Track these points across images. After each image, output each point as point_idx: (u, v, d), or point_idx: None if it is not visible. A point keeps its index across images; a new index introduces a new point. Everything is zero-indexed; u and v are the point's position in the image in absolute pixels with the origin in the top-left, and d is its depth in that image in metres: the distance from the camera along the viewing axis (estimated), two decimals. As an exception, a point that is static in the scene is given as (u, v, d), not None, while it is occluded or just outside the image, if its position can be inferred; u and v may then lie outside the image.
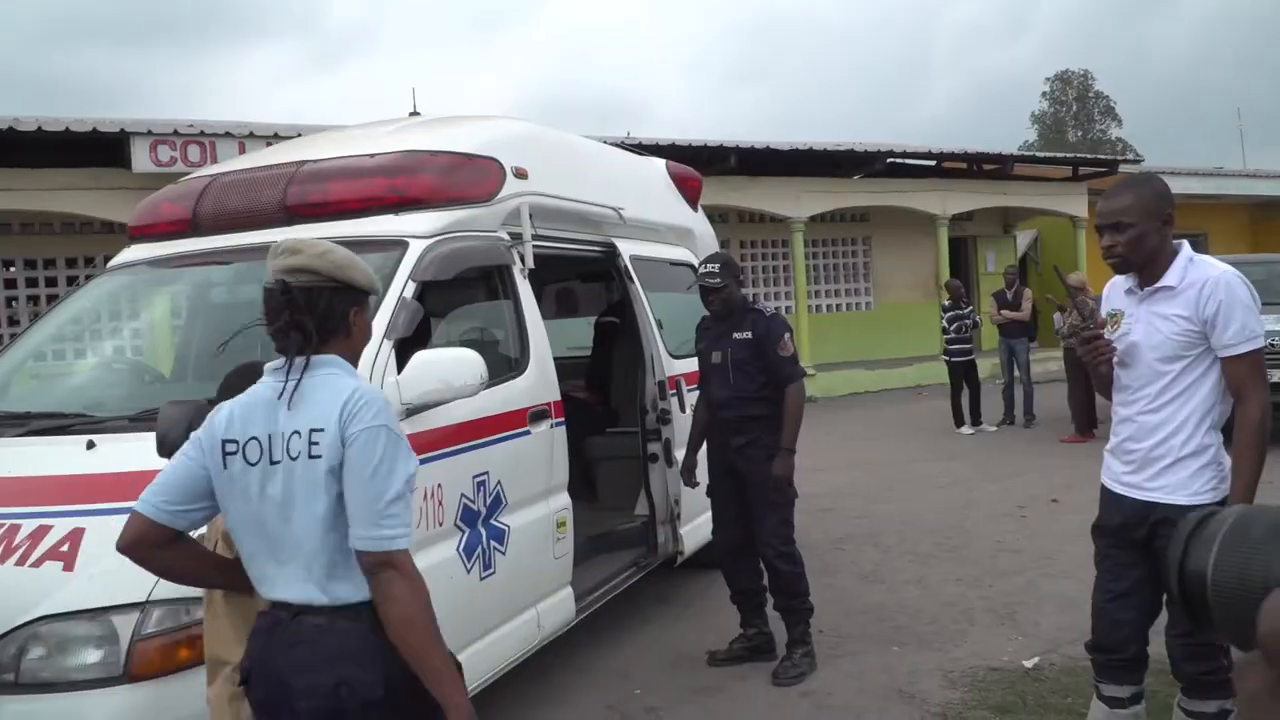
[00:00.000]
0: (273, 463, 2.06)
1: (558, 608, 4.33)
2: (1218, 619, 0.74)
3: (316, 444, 2.03)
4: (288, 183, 4.05)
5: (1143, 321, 3.07)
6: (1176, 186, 20.26)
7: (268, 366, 2.17)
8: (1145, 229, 3.00)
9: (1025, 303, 12.32)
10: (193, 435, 2.19)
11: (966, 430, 12.10)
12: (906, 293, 19.49)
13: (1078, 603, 5.47)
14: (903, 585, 6.01)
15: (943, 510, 7.97)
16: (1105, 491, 3.23)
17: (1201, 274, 2.97)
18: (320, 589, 2.05)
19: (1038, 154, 23.78)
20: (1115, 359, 3.15)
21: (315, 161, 4.14)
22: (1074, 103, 50.00)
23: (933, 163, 18.69)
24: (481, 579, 3.76)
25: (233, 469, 2.08)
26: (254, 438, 2.08)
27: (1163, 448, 3.04)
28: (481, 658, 3.80)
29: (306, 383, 2.08)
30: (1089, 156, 21.68)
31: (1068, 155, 21.72)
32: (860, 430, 12.74)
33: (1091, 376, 3.32)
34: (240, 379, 2.28)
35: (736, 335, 4.75)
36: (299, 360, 2.09)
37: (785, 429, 4.69)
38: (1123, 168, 20.43)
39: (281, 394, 2.07)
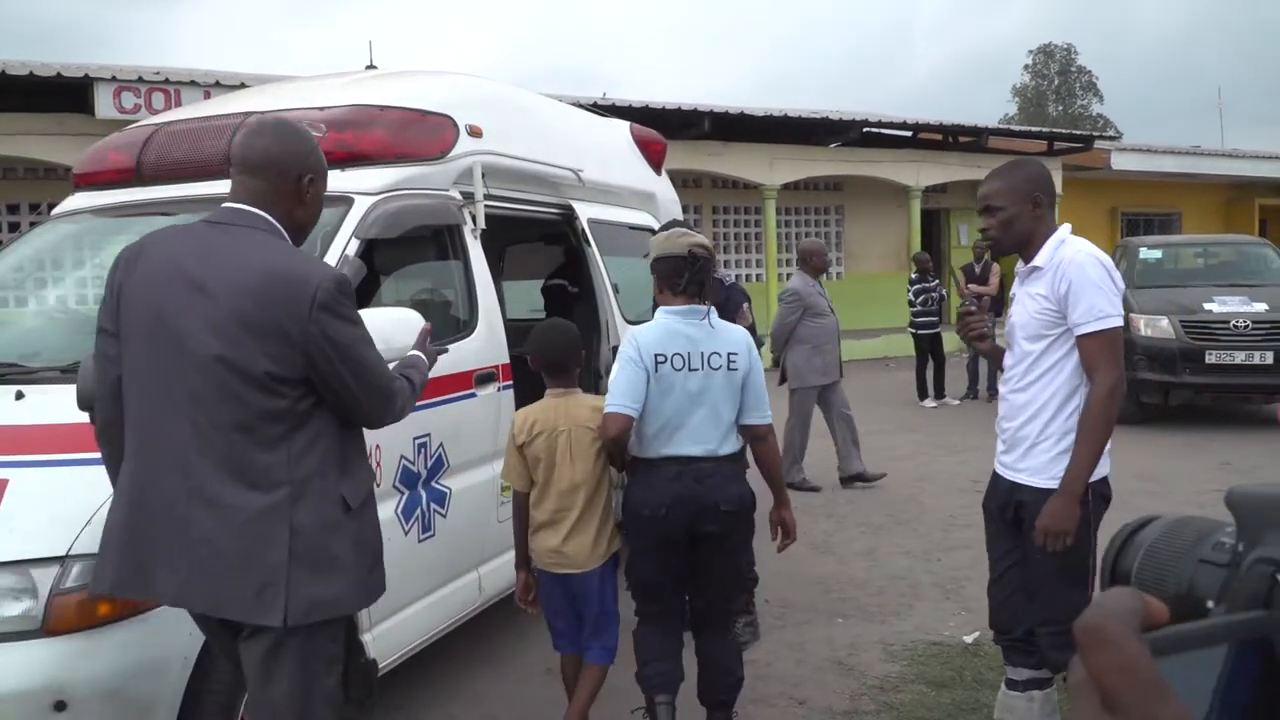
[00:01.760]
0: (691, 370, 3.29)
1: (500, 571, 4.30)
2: None
3: (734, 362, 3.34)
4: (233, 134, 3.96)
5: (1019, 301, 3.15)
6: (1152, 165, 20.30)
7: (668, 310, 3.38)
8: (1014, 212, 3.08)
9: (993, 278, 12.34)
10: (626, 355, 3.32)
11: (929, 403, 12.16)
12: (878, 263, 19.50)
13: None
14: (852, 557, 6.05)
15: (899, 482, 8.02)
16: (993, 472, 3.30)
17: (1062, 255, 3.02)
18: (717, 446, 3.32)
19: (1013, 128, 23.76)
20: (1004, 340, 3.23)
21: (262, 113, 4.05)
22: (1056, 77, 49.88)
23: (908, 133, 18.66)
24: (420, 541, 3.74)
25: (662, 372, 3.28)
26: (677, 353, 3.30)
27: (1026, 429, 3.10)
28: (420, 619, 3.79)
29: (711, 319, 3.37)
30: (1064, 132, 21.71)
31: (1043, 130, 21.72)
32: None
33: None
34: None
35: None
36: (704, 306, 3.38)
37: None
38: (1099, 144, 20.49)
39: (704, 321, 3.35)
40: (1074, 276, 2.95)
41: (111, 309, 2.41)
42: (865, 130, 17.44)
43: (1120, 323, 2.97)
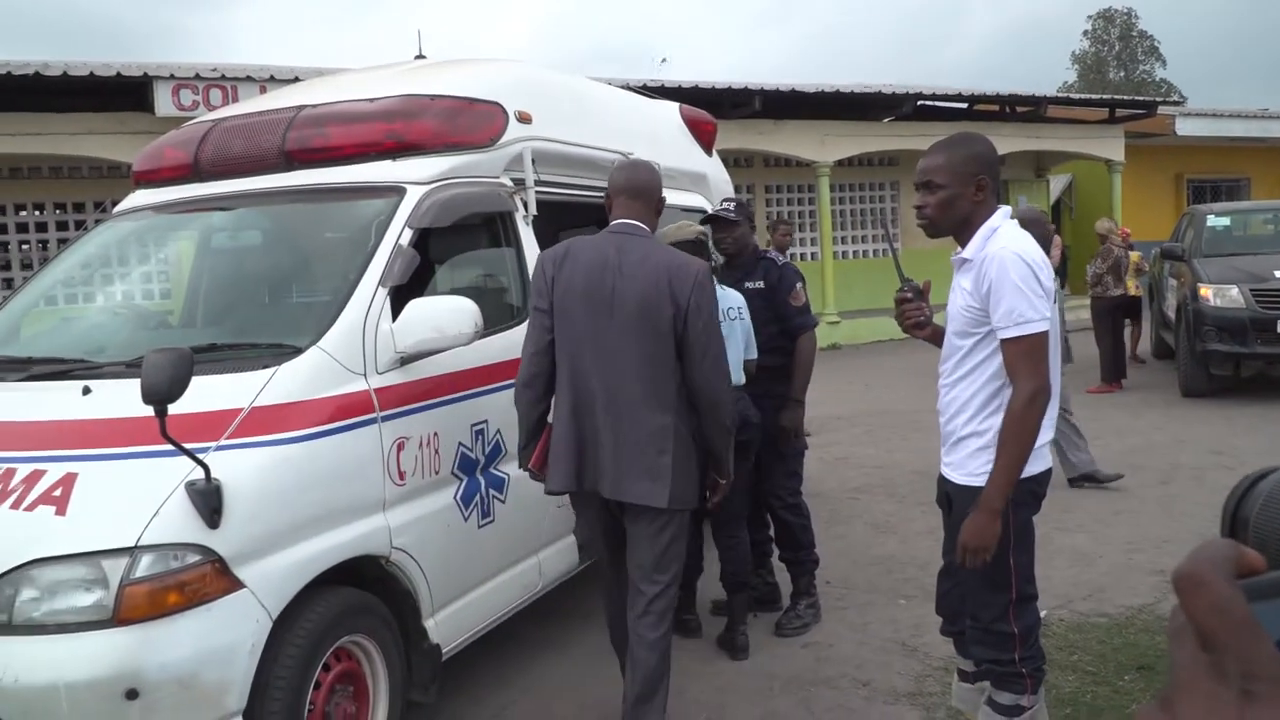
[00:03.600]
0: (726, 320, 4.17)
1: (560, 556, 4.34)
2: None
3: (741, 314, 4.39)
4: (287, 128, 4.00)
5: (952, 292, 3.00)
6: (1218, 129, 19.73)
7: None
8: (955, 192, 2.90)
9: (1054, 250, 12.11)
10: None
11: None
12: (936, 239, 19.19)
13: (1091, 558, 5.43)
14: (915, 536, 5.97)
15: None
16: None
17: (989, 249, 2.84)
18: (739, 377, 4.22)
19: (1073, 95, 23.27)
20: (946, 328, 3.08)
21: (314, 106, 4.09)
22: (1116, 42, 48.71)
23: (964, 105, 18.35)
24: (480, 526, 3.77)
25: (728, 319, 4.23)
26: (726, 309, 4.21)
27: (952, 424, 2.99)
28: (482, 603, 3.83)
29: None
30: (1126, 98, 21.15)
31: (1104, 97, 21.19)
32: (883, 378, 12.66)
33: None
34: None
35: (748, 284, 4.67)
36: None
37: (795, 380, 4.64)
38: (1162, 109, 19.98)
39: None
40: (995, 276, 2.77)
41: (546, 293, 3.36)
42: (919, 104, 17.18)
43: (1044, 328, 2.76)
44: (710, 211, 6.02)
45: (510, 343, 3.99)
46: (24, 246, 13.34)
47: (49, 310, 4.52)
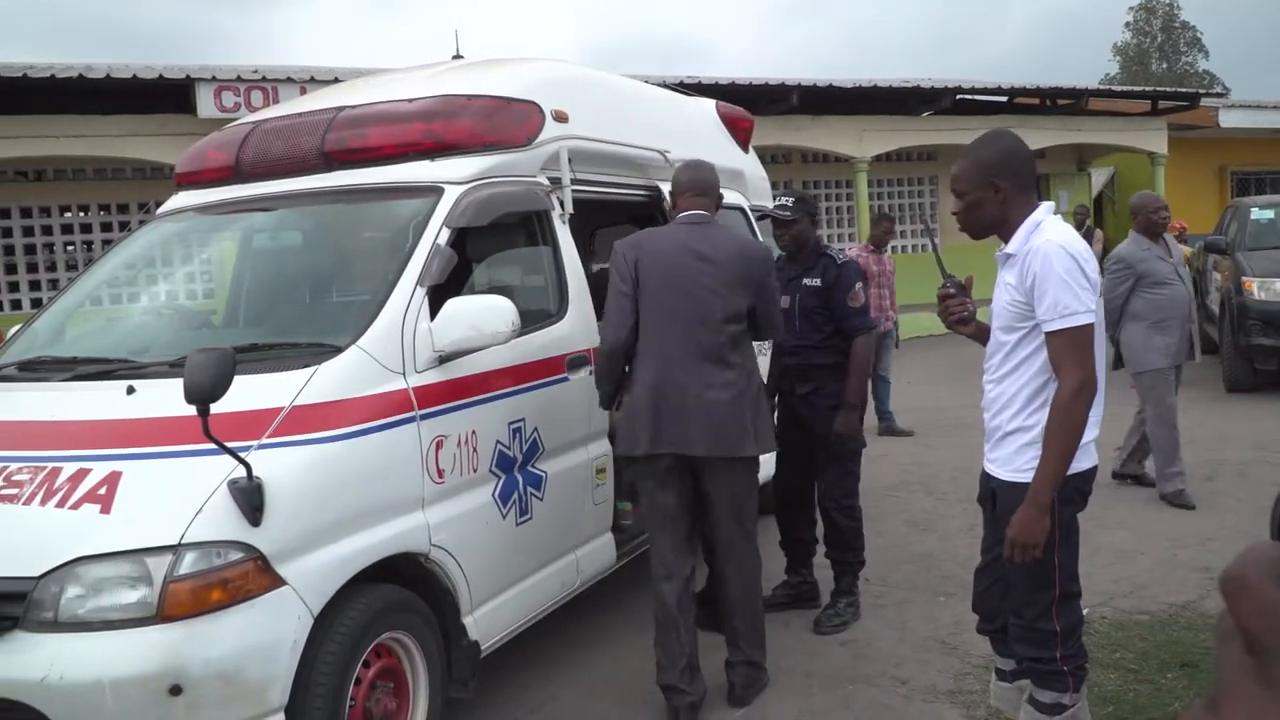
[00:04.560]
0: None
1: (598, 553, 4.35)
2: None
3: None
4: (326, 129, 4.04)
5: (997, 288, 2.98)
6: (1263, 121, 19.28)
7: None
8: (977, 197, 2.92)
9: (1096, 244, 11.99)
10: None
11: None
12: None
13: (1132, 555, 5.37)
14: (955, 534, 5.93)
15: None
16: None
17: (1033, 243, 2.83)
18: None
19: (1114, 88, 22.95)
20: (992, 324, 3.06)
21: (353, 107, 4.12)
22: (1159, 33, 48.01)
23: (1003, 99, 18.16)
24: (518, 524, 3.79)
25: None
26: None
27: (997, 420, 2.97)
28: (521, 600, 3.84)
29: None
30: (1169, 90, 20.84)
31: (1146, 89, 20.90)
32: (922, 374, 12.55)
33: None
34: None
35: (806, 281, 4.62)
36: None
37: (850, 383, 4.57)
38: (1205, 101, 19.67)
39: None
40: (1039, 269, 2.77)
41: (630, 278, 3.76)
42: (958, 98, 17.02)
43: (1089, 320, 2.75)
44: (753, 207, 6.01)
45: (547, 341, 4.02)
46: (69, 248, 13.55)
47: (94, 311, 4.59)
